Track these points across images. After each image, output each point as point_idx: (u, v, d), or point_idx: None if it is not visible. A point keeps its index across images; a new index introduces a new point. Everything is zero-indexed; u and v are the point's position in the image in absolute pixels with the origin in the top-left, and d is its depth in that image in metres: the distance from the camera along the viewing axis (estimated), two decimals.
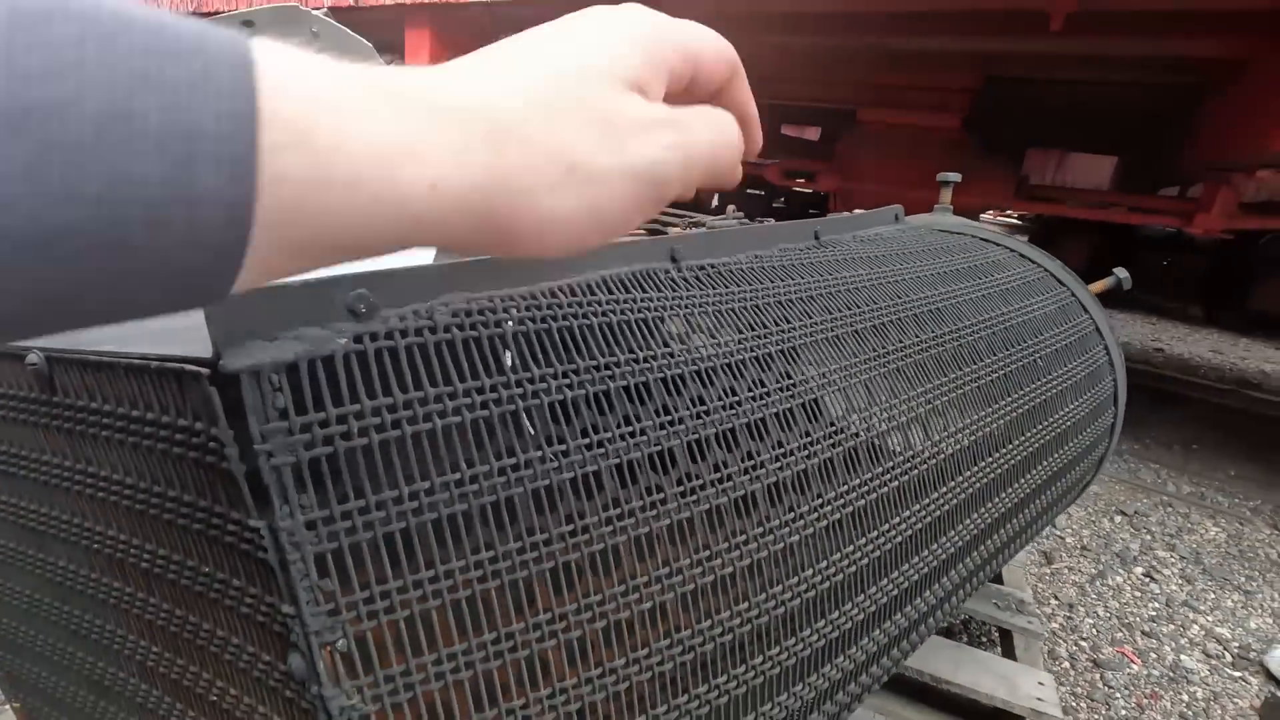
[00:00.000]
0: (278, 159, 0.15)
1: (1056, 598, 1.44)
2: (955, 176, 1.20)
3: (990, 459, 0.73)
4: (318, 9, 1.68)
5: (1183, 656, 1.30)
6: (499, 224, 0.22)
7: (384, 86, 0.19)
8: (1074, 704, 1.15)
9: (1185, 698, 1.19)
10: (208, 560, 0.35)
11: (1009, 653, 1.12)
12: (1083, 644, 1.30)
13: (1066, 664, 1.24)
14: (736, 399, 0.51)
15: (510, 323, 0.50)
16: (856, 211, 0.91)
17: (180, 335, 0.32)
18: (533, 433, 0.37)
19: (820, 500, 0.54)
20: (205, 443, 0.30)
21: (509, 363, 0.42)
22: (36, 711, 0.60)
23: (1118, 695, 1.17)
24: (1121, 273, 1.17)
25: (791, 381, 0.53)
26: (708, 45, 0.28)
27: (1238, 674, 1.27)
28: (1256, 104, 1.44)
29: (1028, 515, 0.82)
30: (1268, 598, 1.53)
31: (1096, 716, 1.13)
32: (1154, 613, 1.42)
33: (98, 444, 0.37)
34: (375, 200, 0.18)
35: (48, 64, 0.12)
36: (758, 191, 6.20)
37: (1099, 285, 1.21)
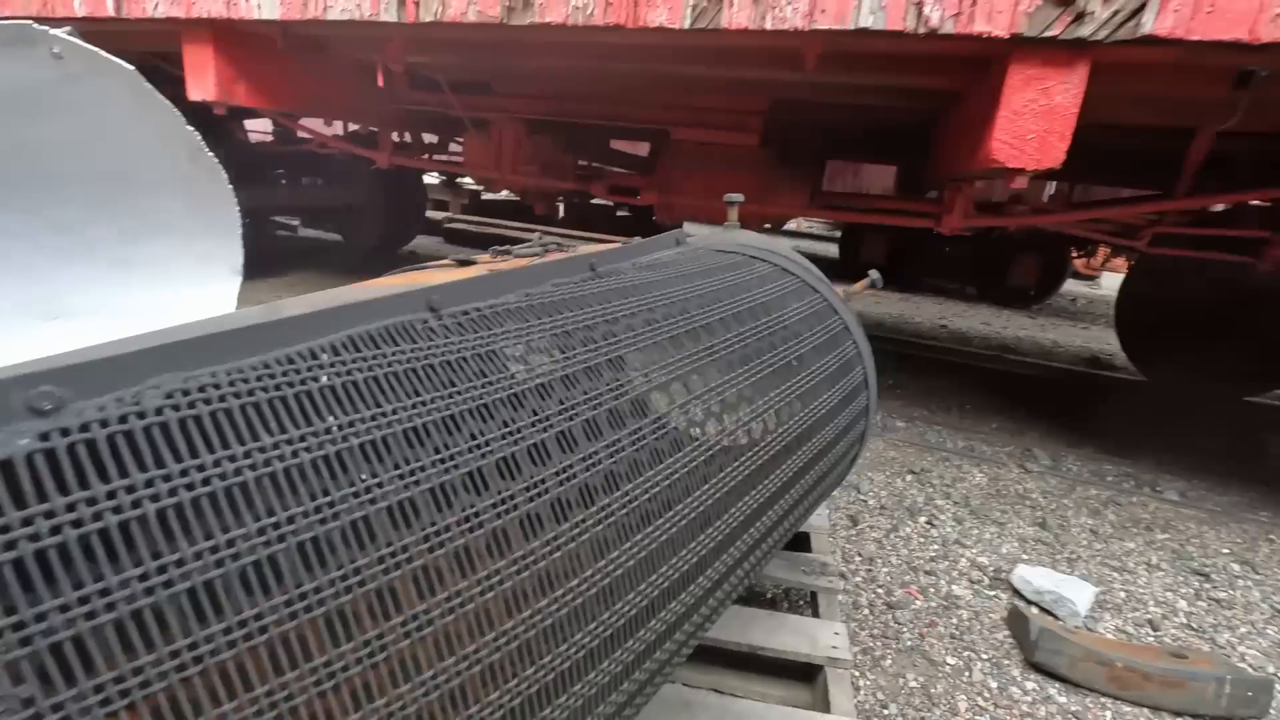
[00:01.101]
0: None
1: (860, 554, 1.66)
2: (739, 197, 1.34)
3: (760, 446, 0.85)
4: (61, 26, 1.48)
5: (953, 587, 1.56)
6: None
7: None
8: (872, 644, 1.34)
9: (955, 620, 1.44)
10: None
11: (816, 612, 1.28)
12: (879, 591, 1.52)
13: (867, 611, 1.45)
14: (495, 436, 0.55)
15: (324, 378, 0.51)
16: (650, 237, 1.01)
17: None
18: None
19: (582, 518, 0.60)
20: None
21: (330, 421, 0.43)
22: None
23: (904, 630, 1.39)
24: (874, 274, 1.39)
25: (565, 406, 0.59)
26: None
27: (993, 593, 1.56)
28: (967, 127, 1.77)
29: (801, 488, 0.96)
30: (1015, 526, 1.89)
31: (889, 650, 1.33)
32: (934, 554, 1.70)
33: None
34: None
35: None
36: (605, 202, 6.39)
37: (859, 286, 1.43)
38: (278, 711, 0.37)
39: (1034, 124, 1.32)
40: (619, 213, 6.88)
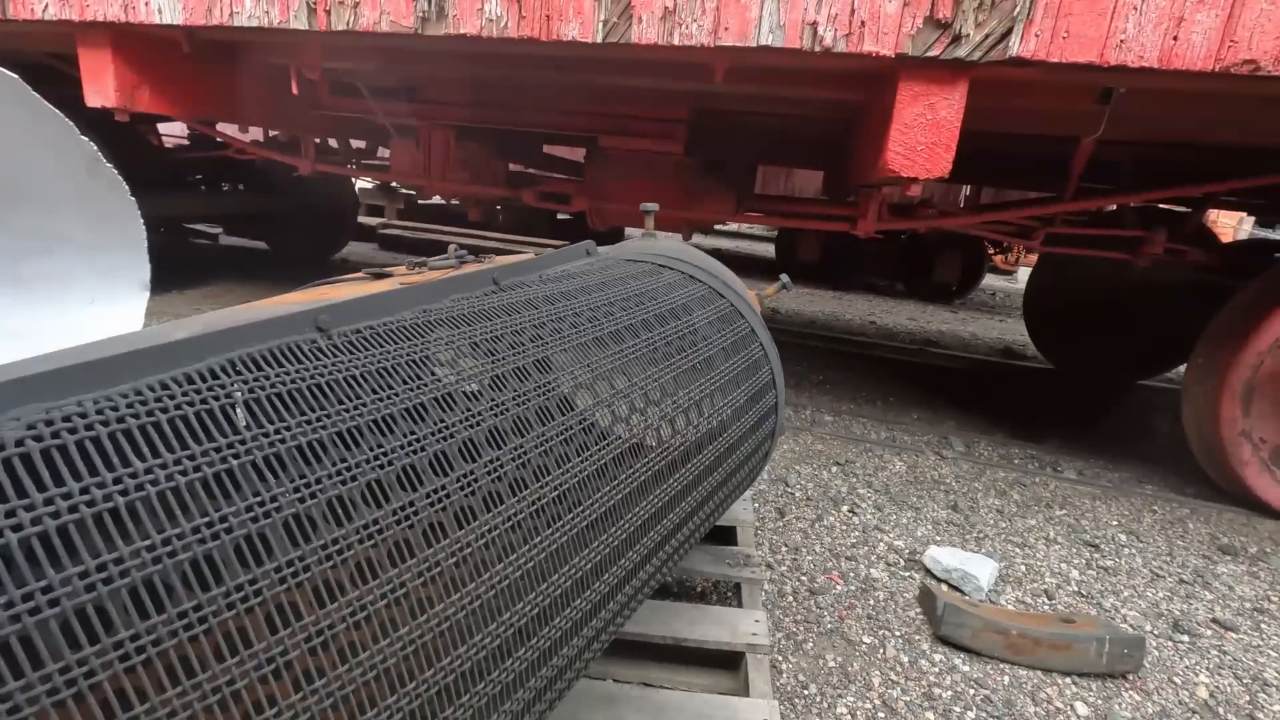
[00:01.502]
0: None
1: (786, 545, 1.74)
2: (653, 206, 1.39)
3: (667, 445, 0.89)
4: None
5: (872, 570, 1.66)
6: None
7: None
8: (795, 629, 1.41)
9: (872, 602, 1.53)
10: None
11: (740, 602, 1.34)
12: (803, 579, 1.59)
13: (791, 598, 1.52)
14: (387, 449, 0.57)
15: (239, 393, 0.51)
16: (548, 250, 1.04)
17: None
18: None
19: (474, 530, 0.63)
20: None
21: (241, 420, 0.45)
22: None
23: (825, 614, 1.47)
24: (785, 278, 1.47)
25: (445, 424, 0.61)
26: None
27: (908, 574, 1.66)
28: (871, 137, 1.88)
29: (712, 483, 1.01)
30: (930, 510, 2.01)
31: (811, 634, 1.40)
32: (855, 540, 1.79)
33: None
34: None
35: None
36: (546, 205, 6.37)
37: (772, 289, 1.50)
38: None
39: (923, 136, 1.43)
40: (559, 216, 6.87)
